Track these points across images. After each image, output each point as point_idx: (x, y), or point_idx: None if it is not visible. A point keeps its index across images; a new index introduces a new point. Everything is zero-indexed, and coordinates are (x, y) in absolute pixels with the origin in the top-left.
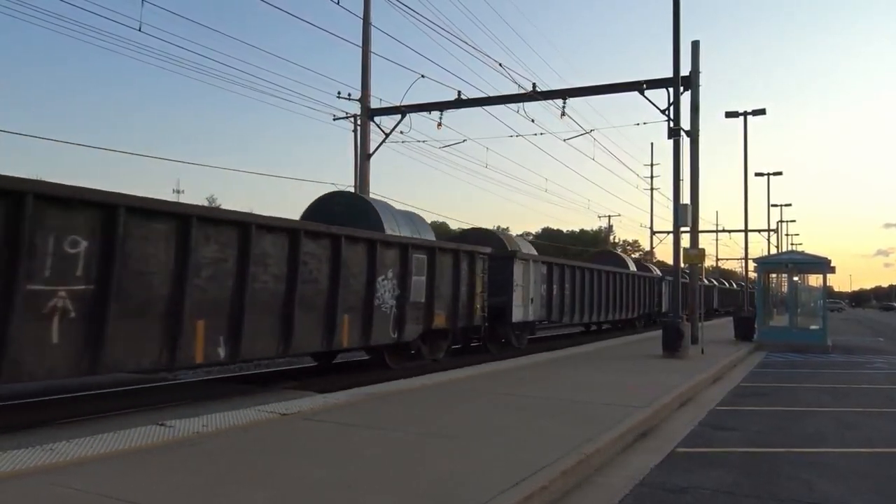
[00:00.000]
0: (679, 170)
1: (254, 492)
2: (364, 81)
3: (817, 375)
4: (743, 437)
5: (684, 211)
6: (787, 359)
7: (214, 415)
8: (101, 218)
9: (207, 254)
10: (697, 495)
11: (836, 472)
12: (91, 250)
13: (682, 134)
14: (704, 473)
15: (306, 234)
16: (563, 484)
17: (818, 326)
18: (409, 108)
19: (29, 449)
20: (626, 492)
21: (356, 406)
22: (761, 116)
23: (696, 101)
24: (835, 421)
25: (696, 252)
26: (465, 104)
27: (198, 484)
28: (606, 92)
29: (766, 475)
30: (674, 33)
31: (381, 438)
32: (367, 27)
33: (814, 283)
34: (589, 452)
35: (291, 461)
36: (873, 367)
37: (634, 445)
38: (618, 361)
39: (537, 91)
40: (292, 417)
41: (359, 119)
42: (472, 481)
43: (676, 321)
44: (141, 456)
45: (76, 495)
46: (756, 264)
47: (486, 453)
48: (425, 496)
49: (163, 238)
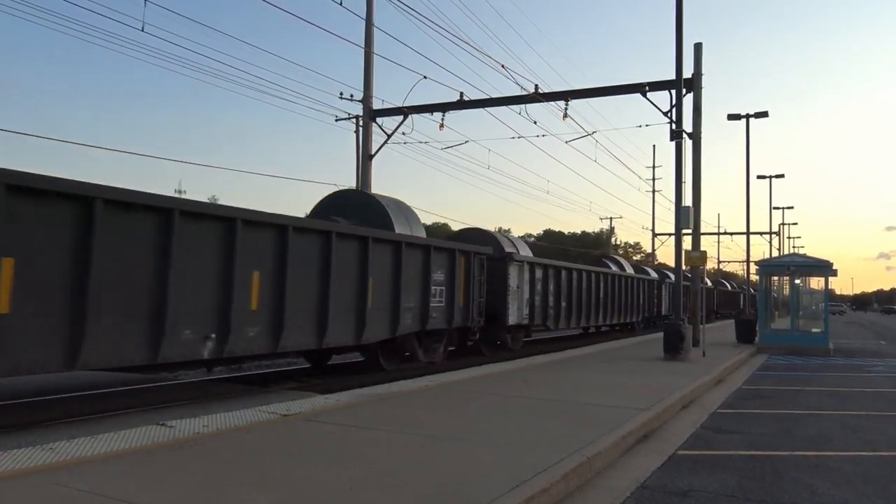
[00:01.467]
0: (681, 172)
1: (255, 493)
2: (366, 82)
3: (819, 378)
4: (745, 439)
5: (686, 213)
6: (789, 362)
7: (215, 415)
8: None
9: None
10: (699, 498)
11: (839, 475)
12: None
13: (684, 136)
14: (706, 476)
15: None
16: (565, 486)
17: (820, 329)
18: (411, 109)
19: (29, 448)
20: (628, 494)
21: (357, 407)
22: (764, 118)
23: (698, 103)
24: (837, 424)
25: (698, 254)
26: (467, 105)
27: (199, 484)
28: (609, 94)
29: (769, 478)
30: (676, 35)
31: (382, 439)
32: (369, 28)
33: (815, 286)
34: (590, 455)
35: (293, 462)
36: (875, 371)
37: (636, 448)
38: (618, 363)
39: (539, 93)
40: (293, 418)
41: (361, 120)
42: (473, 483)
43: (678, 323)
44: (141, 456)
45: (77, 495)
46: (758, 267)
47: (488, 455)
48: (427, 497)
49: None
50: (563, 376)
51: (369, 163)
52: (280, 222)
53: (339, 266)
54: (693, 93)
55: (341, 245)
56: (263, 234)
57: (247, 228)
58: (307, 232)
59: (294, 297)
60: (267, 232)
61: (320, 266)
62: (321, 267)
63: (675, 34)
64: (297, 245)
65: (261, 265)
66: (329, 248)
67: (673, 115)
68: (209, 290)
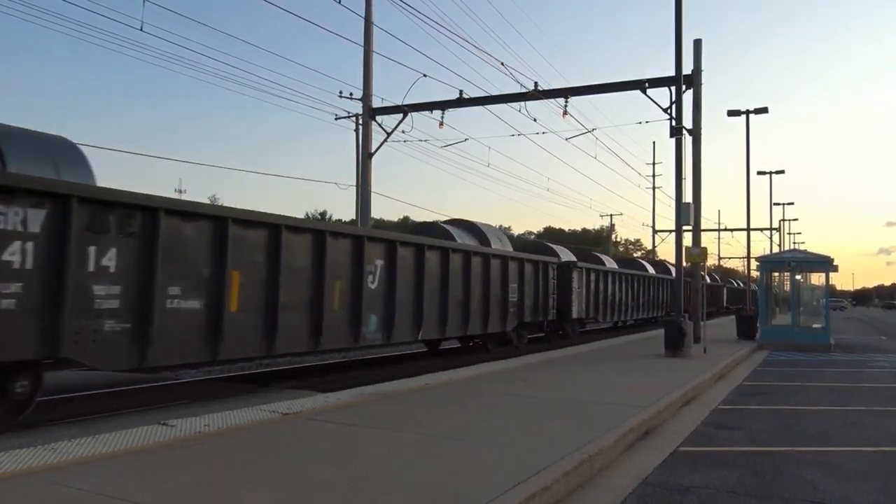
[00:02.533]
0: (681, 168)
1: (256, 492)
2: (366, 81)
3: (820, 374)
4: (746, 436)
5: (686, 209)
6: (790, 358)
7: (216, 414)
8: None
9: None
10: (701, 494)
11: (841, 471)
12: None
13: (684, 132)
14: (708, 473)
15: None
16: (566, 484)
17: (821, 325)
18: (411, 107)
19: (30, 448)
20: (629, 491)
21: (358, 406)
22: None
23: (698, 99)
24: (838, 420)
25: (699, 251)
26: (467, 103)
27: (200, 484)
28: (608, 91)
29: (770, 474)
30: (676, 32)
31: (383, 439)
32: (368, 26)
33: (816, 282)
34: (592, 452)
35: (294, 461)
36: (876, 366)
37: (637, 445)
38: (619, 361)
39: (539, 90)
40: (294, 417)
41: (360, 118)
42: (474, 481)
43: (679, 320)
44: (142, 456)
45: (78, 495)
46: (759, 263)
47: (489, 453)
48: (428, 496)
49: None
50: (563, 374)
51: (369, 161)
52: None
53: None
54: (693, 89)
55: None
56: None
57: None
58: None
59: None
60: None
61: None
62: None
63: (675, 31)
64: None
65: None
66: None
67: (673, 112)
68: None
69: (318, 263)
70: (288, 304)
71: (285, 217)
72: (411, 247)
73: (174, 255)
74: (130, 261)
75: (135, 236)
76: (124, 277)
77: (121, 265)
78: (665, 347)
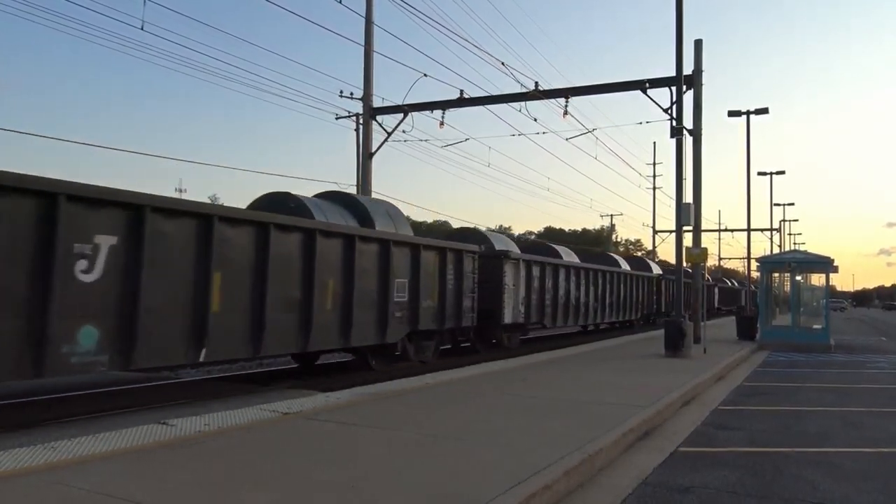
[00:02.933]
0: (682, 169)
1: (256, 492)
2: (366, 80)
3: (820, 375)
4: (746, 436)
5: (687, 210)
6: (790, 358)
7: (216, 414)
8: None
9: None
10: (701, 495)
11: (841, 471)
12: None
13: (684, 133)
14: (708, 473)
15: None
16: (567, 483)
17: (821, 326)
18: (412, 106)
19: (30, 447)
20: (630, 491)
21: (358, 405)
22: (764, 115)
23: (698, 99)
24: (838, 420)
25: (699, 251)
26: (468, 103)
27: (200, 483)
28: (609, 91)
29: (770, 475)
30: (676, 32)
31: (383, 438)
32: (369, 26)
33: (816, 283)
34: (592, 452)
35: (294, 461)
36: (876, 367)
37: (637, 445)
38: (619, 361)
39: (539, 90)
40: (294, 417)
41: (361, 118)
42: (475, 481)
43: (679, 320)
44: (143, 455)
45: (78, 494)
46: (759, 263)
47: (490, 453)
48: (428, 496)
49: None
50: (563, 374)
51: (369, 161)
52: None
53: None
54: (693, 90)
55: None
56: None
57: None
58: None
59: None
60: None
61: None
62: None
63: (676, 31)
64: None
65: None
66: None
67: (673, 112)
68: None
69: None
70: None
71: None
72: (191, 218)
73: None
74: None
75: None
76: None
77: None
78: (665, 347)
